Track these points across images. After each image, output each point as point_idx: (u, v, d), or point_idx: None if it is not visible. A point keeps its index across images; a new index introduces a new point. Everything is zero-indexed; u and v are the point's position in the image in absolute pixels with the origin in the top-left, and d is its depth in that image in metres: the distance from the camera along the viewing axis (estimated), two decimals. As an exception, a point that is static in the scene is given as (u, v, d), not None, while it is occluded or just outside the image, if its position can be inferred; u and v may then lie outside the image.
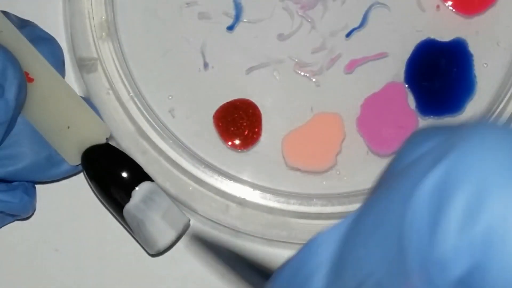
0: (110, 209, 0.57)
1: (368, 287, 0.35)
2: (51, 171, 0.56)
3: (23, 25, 0.57)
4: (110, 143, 0.58)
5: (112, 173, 0.56)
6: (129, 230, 0.57)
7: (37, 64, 0.55)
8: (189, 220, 0.57)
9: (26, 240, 0.59)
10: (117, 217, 0.57)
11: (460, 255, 0.31)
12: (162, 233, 0.55)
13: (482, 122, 0.33)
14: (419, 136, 0.36)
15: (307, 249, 0.40)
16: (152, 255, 0.58)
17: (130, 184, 0.56)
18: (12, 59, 0.53)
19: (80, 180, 0.59)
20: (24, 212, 0.58)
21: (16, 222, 0.59)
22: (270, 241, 0.58)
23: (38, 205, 0.59)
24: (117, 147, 0.58)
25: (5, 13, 0.57)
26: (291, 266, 0.40)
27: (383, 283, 0.35)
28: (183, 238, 0.58)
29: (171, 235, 0.55)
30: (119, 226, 0.59)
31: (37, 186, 0.58)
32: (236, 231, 0.58)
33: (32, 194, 0.57)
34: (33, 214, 0.59)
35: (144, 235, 0.55)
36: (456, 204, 0.31)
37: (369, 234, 0.36)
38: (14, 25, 0.56)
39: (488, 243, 0.31)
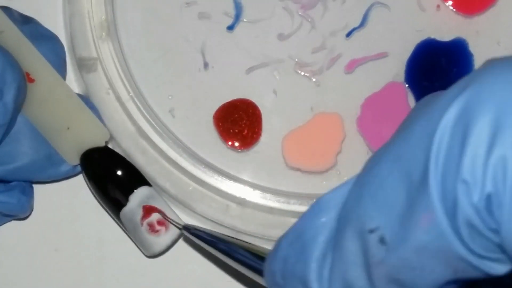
0: (108, 211, 0.57)
1: (373, 240, 0.35)
2: (51, 171, 0.56)
3: (25, 21, 0.57)
4: (110, 143, 0.58)
5: (110, 176, 0.56)
6: (125, 231, 0.57)
7: (38, 65, 0.55)
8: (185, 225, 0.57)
9: (26, 240, 0.59)
10: (115, 218, 0.57)
11: (483, 178, 0.31)
12: (158, 238, 0.55)
13: (500, 59, 0.34)
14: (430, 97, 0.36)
15: (310, 211, 0.40)
16: (149, 257, 0.58)
17: (127, 188, 0.56)
18: (12, 62, 0.53)
19: (80, 180, 0.59)
20: (22, 212, 0.58)
21: (16, 223, 0.59)
22: (270, 241, 0.58)
23: (38, 205, 0.59)
24: (117, 147, 0.58)
25: (7, 8, 0.57)
26: (294, 230, 0.40)
27: (391, 231, 0.35)
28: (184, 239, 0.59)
29: (166, 240, 0.56)
30: (119, 226, 0.59)
31: (37, 187, 0.59)
32: (236, 231, 0.58)
33: (29, 194, 0.57)
34: (30, 213, 0.59)
35: (140, 239, 0.55)
36: (478, 130, 0.32)
37: (379, 182, 0.35)
38: (16, 22, 0.56)
39: (504, 171, 0.31)
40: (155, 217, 0.55)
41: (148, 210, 0.55)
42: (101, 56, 0.58)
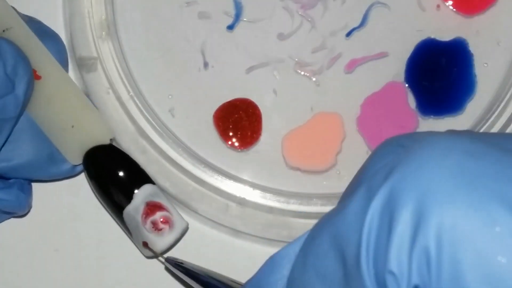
0: (109, 210, 0.57)
1: None
2: (51, 169, 0.56)
3: (28, 20, 0.57)
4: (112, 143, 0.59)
5: (114, 175, 0.56)
6: (127, 232, 0.57)
7: (46, 62, 0.55)
8: (188, 225, 0.57)
9: (26, 240, 0.59)
10: (116, 218, 0.57)
11: (409, 271, 0.32)
12: (162, 237, 0.55)
13: (428, 139, 0.35)
14: (380, 150, 0.37)
15: (265, 267, 0.41)
16: (148, 257, 0.58)
17: (131, 186, 0.56)
18: (23, 56, 0.53)
19: (81, 180, 0.59)
20: (20, 209, 0.58)
21: (16, 223, 0.59)
22: (270, 240, 0.58)
23: (38, 205, 0.59)
24: (117, 146, 0.58)
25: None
26: (252, 284, 0.42)
27: None
28: (184, 239, 0.58)
29: (169, 239, 0.56)
30: (120, 227, 0.59)
31: (37, 187, 0.59)
32: (236, 231, 0.58)
33: (27, 192, 0.57)
34: (29, 211, 0.59)
35: (143, 238, 0.55)
36: (402, 221, 0.33)
37: (321, 255, 0.37)
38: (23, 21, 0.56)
39: (428, 262, 0.32)
40: (159, 215, 0.55)
41: (152, 208, 0.55)
42: (101, 55, 0.58)
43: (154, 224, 0.55)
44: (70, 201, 0.60)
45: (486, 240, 0.31)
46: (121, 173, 0.56)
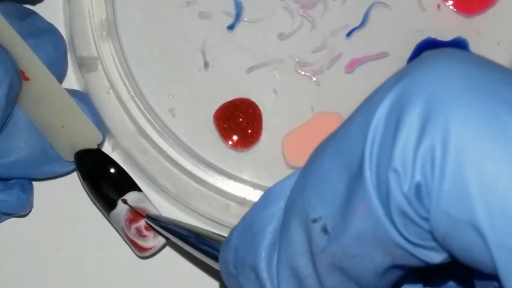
0: (101, 210, 0.57)
1: (316, 229, 0.36)
2: (46, 166, 0.56)
3: (22, 17, 0.57)
4: (110, 141, 0.59)
5: (100, 179, 0.56)
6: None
7: (32, 65, 0.55)
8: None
9: (26, 240, 0.59)
10: (108, 218, 0.57)
11: (412, 169, 0.33)
12: (146, 242, 0.55)
13: (432, 52, 0.35)
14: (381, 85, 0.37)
15: (259, 202, 0.41)
16: (140, 258, 0.58)
17: (117, 192, 0.56)
18: (3, 58, 0.53)
19: (80, 180, 0.59)
20: (22, 210, 0.58)
21: (16, 223, 0.59)
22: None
23: (38, 205, 0.59)
24: (117, 146, 0.58)
25: (2, 2, 0.56)
26: (245, 221, 0.41)
27: (332, 220, 0.35)
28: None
29: (156, 243, 0.56)
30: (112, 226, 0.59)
31: (37, 187, 0.59)
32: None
33: (28, 191, 0.57)
34: (30, 211, 0.59)
35: (129, 241, 0.56)
36: (409, 121, 0.33)
37: (322, 173, 0.36)
38: (12, 19, 0.55)
39: (432, 160, 0.32)
40: (143, 222, 0.55)
41: (136, 215, 0.55)
42: (102, 55, 0.58)
43: (138, 230, 0.55)
44: (70, 201, 0.60)
45: (492, 144, 0.31)
46: (107, 178, 0.56)
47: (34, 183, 0.58)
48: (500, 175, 0.31)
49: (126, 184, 0.56)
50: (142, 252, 0.56)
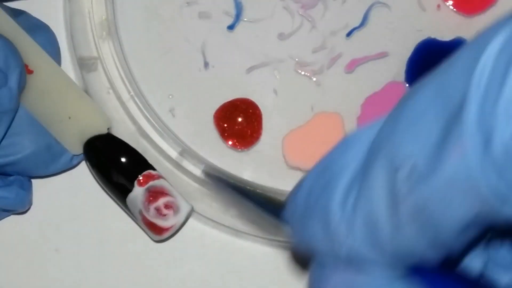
0: (114, 197, 0.57)
1: (404, 170, 0.33)
2: (51, 162, 0.56)
3: (16, 14, 0.57)
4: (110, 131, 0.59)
5: (115, 163, 0.56)
6: (132, 217, 0.57)
7: (36, 56, 0.55)
8: (192, 207, 0.56)
9: (26, 239, 0.59)
10: (122, 206, 0.57)
11: None
12: (166, 222, 0.55)
13: None
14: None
15: (339, 145, 0.38)
16: (156, 242, 0.58)
17: (132, 173, 0.56)
18: (13, 48, 0.53)
19: (81, 180, 0.59)
20: (21, 207, 0.57)
21: (16, 222, 0.59)
22: (271, 240, 0.58)
23: (38, 205, 0.59)
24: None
25: None
26: (322, 162, 0.38)
27: (422, 163, 0.33)
28: (184, 239, 0.58)
29: (173, 223, 0.55)
30: (120, 226, 0.59)
31: (38, 186, 0.58)
32: (237, 231, 0.58)
33: (27, 188, 0.57)
34: (29, 208, 0.59)
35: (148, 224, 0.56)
36: None
37: (418, 112, 0.33)
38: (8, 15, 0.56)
39: None
40: (161, 201, 0.55)
41: (155, 195, 0.55)
42: (102, 55, 0.58)
43: (158, 210, 0.55)
44: (70, 201, 0.60)
45: None
46: (121, 161, 0.56)
47: (34, 182, 0.58)
48: None
49: (141, 164, 0.56)
50: (161, 234, 0.56)
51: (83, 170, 0.59)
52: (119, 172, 0.56)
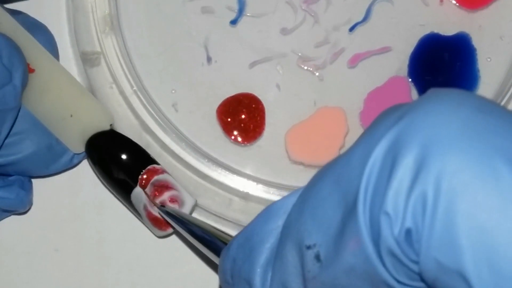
0: (116, 194, 0.57)
1: (309, 255, 0.37)
2: (52, 162, 0.56)
3: (15, 14, 0.57)
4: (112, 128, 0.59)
5: (118, 159, 0.56)
6: (136, 214, 0.57)
7: (38, 54, 0.55)
8: (196, 201, 0.56)
9: (26, 240, 0.59)
10: (125, 203, 0.57)
11: (404, 214, 0.33)
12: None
13: (436, 91, 0.35)
14: (386, 111, 0.37)
15: (260, 217, 0.41)
16: (160, 237, 0.58)
17: (136, 169, 0.56)
18: (16, 46, 0.53)
19: (81, 180, 0.59)
20: (21, 207, 0.57)
21: (16, 222, 0.59)
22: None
23: (38, 205, 0.59)
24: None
25: None
26: (245, 233, 0.42)
27: (325, 250, 0.36)
28: (183, 239, 0.58)
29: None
30: (119, 226, 0.59)
31: (38, 186, 0.59)
32: (239, 225, 0.58)
33: (28, 189, 0.57)
34: (30, 208, 0.59)
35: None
36: (404, 165, 0.33)
37: (320, 199, 0.37)
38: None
39: (423, 207, 0.32)
40: (167, 195, 0.55)
41: (160, 189, 0.55)
42: (105, 50, 0.58)
43: (163, 204, 0.55)
44: (70, 201, 0.60)
45: (484, 193, 0.31)
46: (125, 157, 0.56)
47: (34, 182, 0.58)
48: (490, 226, 0.31)
49: (144, 159, 0.56)
50: (166, 229, 0.56)
51: (84, 170, 0.59)
52: (123, 168, 0.56)
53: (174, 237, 0.58)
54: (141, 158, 0.56)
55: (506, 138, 0.32)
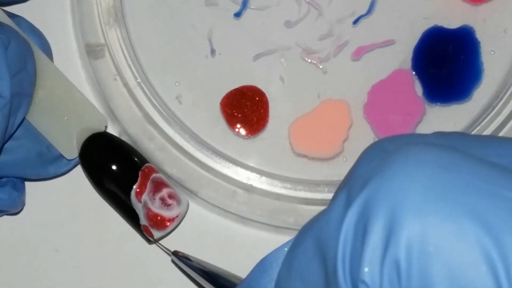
0: (111, 201, 0.57)
1: None
2: (41, 168, 0.56)
3: (12, 17, 0.57)
4: (117, 128, 0.59)
5: (117, 160, 0.56)
6: (129, 221, 0.57)
7: (36, 56, 0.55)
8: (188, 202, 0.57)
9: (26, 240, 0.59)
10: (119, 207, 0.57)
11: (380, 282, 0.33)
12: (171, 212, 0.55)
13: (404, 150, 0.35)
14: (365, 154, 0.38)
15: (256, 270, 0.42)
16: (154, 241, 0.58)
17: (134, 168, 0.56)
18: (24, 38, 0.53)
19: (80, 180, 0.59)
20: (13, 207, 0.57)
21: (16, 222, 0.59)
22: (277, 227, 0.58)
23: (38, 204, 0.59)
24: (124, 133, 0.58)
25: None
26: (243, 285, 0.43)
27: None
28: (185, 237, 0.59)
29: (180, 210, 0.56)
30: (119, 226, 0.59)
31: (37, 186, 0.59)
32: (243, 218, 0.58)
33: (20, 190, 0.57)
34: (22, 209, 0.59)
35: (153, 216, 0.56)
36: (374, 233, 0.34)
37: (305, 261, 0.38)
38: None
39: (398, 273, 0.33)
40: (165, 191, 0.56)
41: (158, 185, 0.56)
42: (109, 42, 0.58)
43: (163, 200, 0.55)
44: (70, 201, 0.60)
45: (455, 253, 0.32)
46: (122, 157, 0.56)
47: (33, 182, 0.59)
48: (466, 284, 0.32)
49: (140, 159, 0.57)
50: (165, 227, 0.56)
51: (82, 171, 0.59)
52: (121, 169, 0.56)
53: (173, 237, 0.59)
54: (137, 158, 0.57)
55: (469, 192, 0.33)
